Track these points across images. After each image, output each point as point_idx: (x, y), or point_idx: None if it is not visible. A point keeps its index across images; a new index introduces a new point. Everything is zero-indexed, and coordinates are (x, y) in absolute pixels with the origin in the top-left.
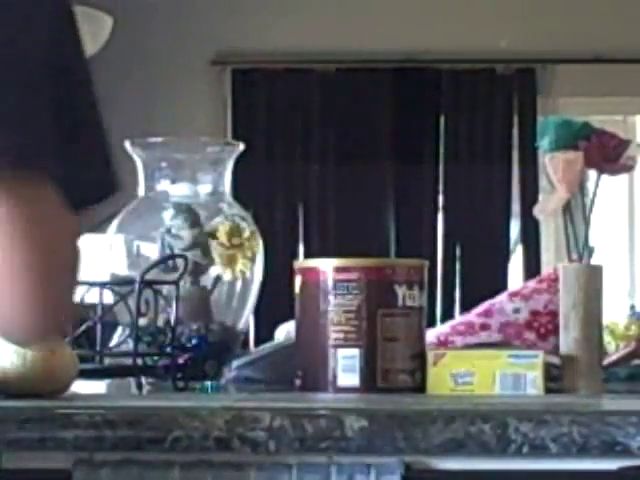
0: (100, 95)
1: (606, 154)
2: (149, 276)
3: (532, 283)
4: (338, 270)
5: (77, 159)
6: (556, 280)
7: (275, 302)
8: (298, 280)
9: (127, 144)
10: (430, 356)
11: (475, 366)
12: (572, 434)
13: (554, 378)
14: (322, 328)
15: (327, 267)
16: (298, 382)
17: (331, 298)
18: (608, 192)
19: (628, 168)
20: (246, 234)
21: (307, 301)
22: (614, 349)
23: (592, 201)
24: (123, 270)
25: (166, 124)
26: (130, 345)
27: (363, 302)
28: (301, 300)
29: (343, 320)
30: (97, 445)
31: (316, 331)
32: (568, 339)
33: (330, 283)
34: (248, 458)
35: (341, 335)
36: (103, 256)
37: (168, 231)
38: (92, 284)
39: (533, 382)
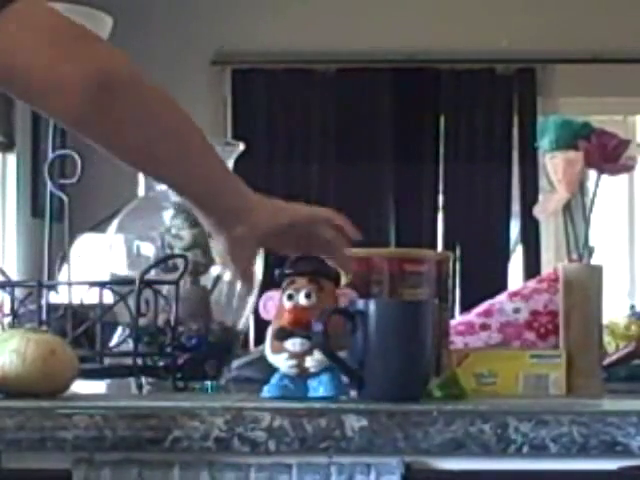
0: None
1: (606, 154)
2: (149, 276)
3: (532, 283)
4: (406, 261)
5: None
6: (556, 280)
7: None
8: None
9: None
10: (454, 356)
11: (498, 367)
12: (572, 434)
13: None
14: None
15: (389, 257)
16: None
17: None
18: (608, 192)
19: (628, 168)
20: None
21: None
22: (614, 349)
23: (592, 201)
24: (123, 270)
25: None
26: (130, 345)
27: (431, 297)
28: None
29: None
30: (97, 445)
31: None
32: (568, 339)
33: (397, 275)
34: (248, 458)
35: None
36: (103, 256)
37: (168, 231)
38: (92, 284)
39: (555, 382)
